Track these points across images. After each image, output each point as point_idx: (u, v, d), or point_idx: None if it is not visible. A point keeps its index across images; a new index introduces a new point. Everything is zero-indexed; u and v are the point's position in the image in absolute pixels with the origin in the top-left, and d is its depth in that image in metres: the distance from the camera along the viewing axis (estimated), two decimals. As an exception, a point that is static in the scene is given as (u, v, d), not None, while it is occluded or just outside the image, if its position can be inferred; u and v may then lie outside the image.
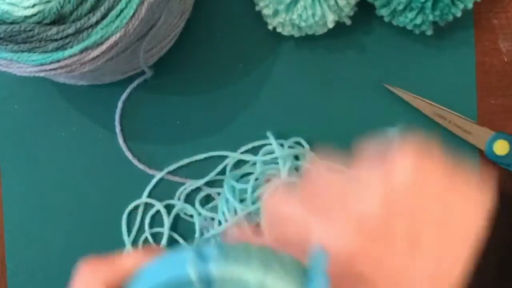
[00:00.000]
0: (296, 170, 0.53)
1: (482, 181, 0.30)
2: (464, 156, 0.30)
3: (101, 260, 0.31)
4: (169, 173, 0.54)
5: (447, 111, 0.53)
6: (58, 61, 0.42)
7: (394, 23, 0.52)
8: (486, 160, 0.53)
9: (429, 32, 0.51)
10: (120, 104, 0.55)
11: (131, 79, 0.54)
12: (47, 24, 0.41)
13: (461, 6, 0.50)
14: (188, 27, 0.53)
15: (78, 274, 0.31)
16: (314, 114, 0.55)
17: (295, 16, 0.49)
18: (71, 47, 0.41)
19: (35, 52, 0.41)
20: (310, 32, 0.51)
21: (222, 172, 0.54)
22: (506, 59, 0.54)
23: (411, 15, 0.50)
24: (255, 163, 0.53)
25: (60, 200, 0.55)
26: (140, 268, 0.30)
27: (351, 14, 0.51)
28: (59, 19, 0.41)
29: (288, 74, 0.55)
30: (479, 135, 0.53)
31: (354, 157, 0.33)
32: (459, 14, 0.50)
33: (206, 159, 0.55)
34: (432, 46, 0.54)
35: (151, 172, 0.54)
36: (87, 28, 0.41)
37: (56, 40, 0.41)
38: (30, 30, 0.41)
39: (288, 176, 0.52)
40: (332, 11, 0.49)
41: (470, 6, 0.50)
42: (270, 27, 0.52)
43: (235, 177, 0.53)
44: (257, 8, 0.51)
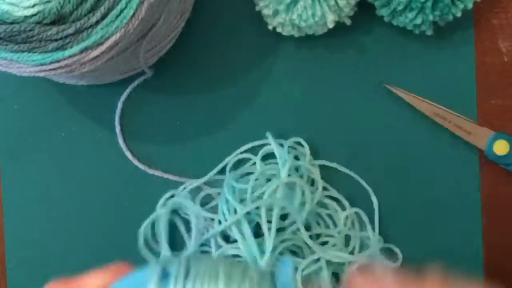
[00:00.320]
0: (296, 170, 0.53)
1: None
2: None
3: (65, 282, 0.31)
4: (169, 173, 0.54)
5: (447, 111, 0.53)
6: (58, 61, 0.42)
7: (394, 23, 0.52)
8: (486, 160, 0.53)
9: (429, 32, 0.51)
10: (120, 104, 0.55)
11: (131, 79, 0.54)
12: (47, 24, 0.41)
13: (461, 6, 0.50)
14: (188, 27, 0.53)
15: None
16: (314, 114, 0.55)
17: (295, 16, 0.49)
18: (71, 47, 0.41)
19: (35, 52, 0.41)
20: (310, 32, 0.51)
21: (222, 172, 0.54)
22: (506, 59, 0.54)
23: (411, 15, 0.50)
24: (255, 163, 0.53)
25: (60, 200, 0.55)
26: None
27: (351, 14, 0.51)
28: (59, 19, 0.41)
29: (288, 74, 0.55)
30: (479, 135, 0.53)
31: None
32: (459, 14, 0.50)
33: (206, 159, 0.55)
34: (432, 46, 0.54)
35: (151, 172, 0.55)
36: (87, 28, 0.41)
37: (56, 40, 0.41)
38: (30, 30, 0.41)
39: (288, 176, 0.52)
40: (332, 11, 0.49)
41: (470, 6, 0.50)
42: (270, 27, 0.52)
43: (235, 177, 0.53)
44: (257, 8, 0.51)
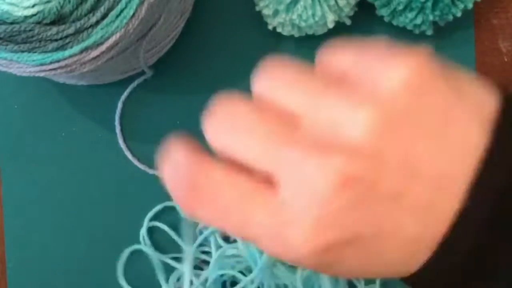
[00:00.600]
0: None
1: (486, 90, 0.27)
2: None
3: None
4: (169, 173, 0.54)
5: (447, 111, 0.53)
6: (58, 61, 0.42)
7: (394, 23, 0.52)
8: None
9: (429, 32, 0.51)
10: (120, 104, 0.55)
11: (131, 79, 0.54)
12: (47, 24, 0.41)
13: (461, 6, 0.50)
14: (188, 27, 0.53)
15: None
16: (314, 114, 0.54)
17: (295, 16, 0.49)
18: (71, 47, 0.41)
19: (35, 52, 0.41)
20: (310, 32, 0.51)
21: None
22: (506, 59, 0.54)
23: (411, 15, 0.50)
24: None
25: (60, 200, 0.55)
26: None
27: (351, 14, 0.51)
28: (59, 19, 0.41)
29: (288, 74, 0.55)
30: (479, 135, 0.53)
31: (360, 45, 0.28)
32: (459, 14, 0.50)
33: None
34: (432, 46, 0.54)
35: (151, 172, 0.55)
36: (87, 28, 0.41)
37: (56, 40, 0.41)
38: (30, 30, 0.41)
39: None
40: (332, 11, 0.49)
41: (470, 6, 0.50)
42: (270, 27, 0.52)
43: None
44: (257, 8, 0.51)
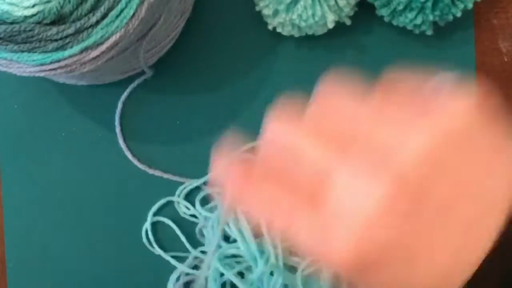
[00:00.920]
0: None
1: None
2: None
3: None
4: (169, 173, 0.54)
5: (447, 111, 0.53)
6: (58, 61, 0.42)
7: (394, 23, 0.52)
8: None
9: (429, 32, 0.51)
10: (120, 104, 0.55)
11: (131, 79, 0.54)
12: (47, 24, 0.41)
13: (461, 6, 0.50)
14: (188, 27, 0.53)
15: None
16: (314, 114, 0.55)
17: (295, 16, 0.49)
18: (71, 47, 0.41)
19: (35, 52, 0.41)
20: (310, 32, 0.51)
21: (222, 172, 0.54)
22: (506, 59, 0.54)
23: (411, 15, 0.50)
24: (255, 163, 0.53)
25: (60, 200, 0.55)
26: None
27: (351, 14, 0.51)
28: (59, 19, 0.41)
29: (288, 74, 0.55)
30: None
31: (379, 88, 0.26)
32: (459, 14, 0.50)
33: (206, 159, 0.54)
34: (432, 46, 0.54)
35: (151, 172, 0.55)
36: (87, 28, 0.41)
37: (56, 40, 0.41)
38: (30, 30, 0.41)
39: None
40: (332, 11, 0.49)
41: (470, 6, 0.50)
42: (270, 27, 0.52)
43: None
44: (257, 8, 0.51)
